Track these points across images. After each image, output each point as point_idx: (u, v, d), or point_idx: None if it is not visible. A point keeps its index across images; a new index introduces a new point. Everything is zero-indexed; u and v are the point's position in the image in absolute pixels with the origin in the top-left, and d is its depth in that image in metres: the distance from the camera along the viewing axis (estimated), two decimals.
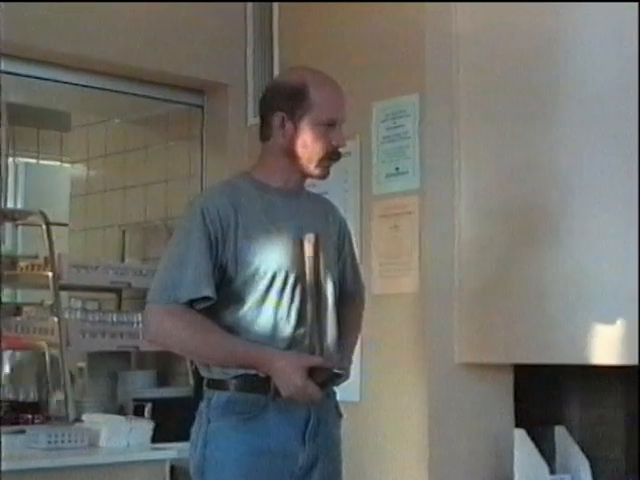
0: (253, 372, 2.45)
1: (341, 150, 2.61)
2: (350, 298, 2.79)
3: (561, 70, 3.47)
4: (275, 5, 4.44)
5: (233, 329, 2.47)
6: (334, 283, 2.63)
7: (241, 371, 2.45)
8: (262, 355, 2.44)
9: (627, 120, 3.24)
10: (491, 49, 3.69)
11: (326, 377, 2.45)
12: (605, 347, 3.29)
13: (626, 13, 3.27)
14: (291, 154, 2.56)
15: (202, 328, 2.45)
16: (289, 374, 2.39)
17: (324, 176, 2.61)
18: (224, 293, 2.47)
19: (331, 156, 2.57)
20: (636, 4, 3.23)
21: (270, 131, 2.58)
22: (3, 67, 4.03)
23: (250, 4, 4.54)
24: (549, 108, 3.50)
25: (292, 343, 2.49)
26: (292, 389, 2.40)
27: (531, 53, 3.56)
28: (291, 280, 2.50)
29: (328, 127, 2.54)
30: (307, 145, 2.54)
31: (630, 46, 3.25)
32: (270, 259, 2.48)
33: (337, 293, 2.66)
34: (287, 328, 2.48)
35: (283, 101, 2.55)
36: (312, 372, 2.41)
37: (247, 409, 2.45)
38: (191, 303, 2.44)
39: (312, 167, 2.57)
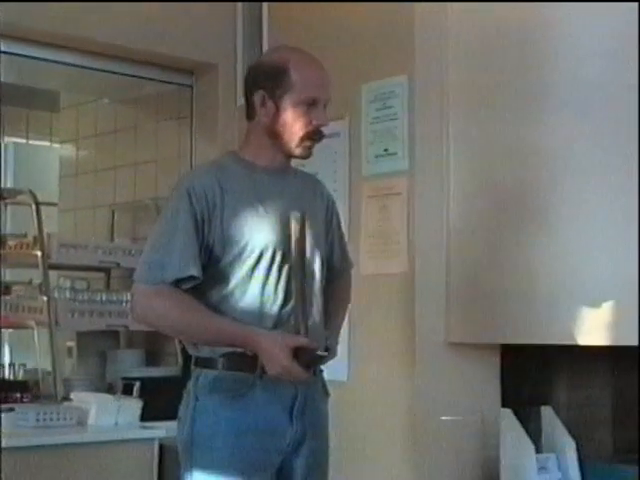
0: (240, 350, 2.46)
1: (331, 131, 2.63)
2: (338, 275, 2.81)
3: (553, 53, 3.46)
4: None
5: (220, 308, 2.48)
6: (321, 261, 2.64)
7: (229, 349, 2.47)
8: (249, 335, 2.45)
9: (618, 104, 3.24)
10: (482, 30, 3.69)
11: (311, 358, 2.46)
12: (592, 328, 3.30)
13: (621, 5, 3.27)
14: (273, 133, 2.56)
15: (189, 308, 2.46)
16: (275, 354, 2.40)
17: (306, 156, 2.60)
18: (211, 272, 2.48)
19: (312, 136, 2.56)
20: (636, 4, 3.23)
21: (253, 110, 2.59)
22: None
23: None
24: (540, 90, 3.50)
25: (278, 321, 2.50)
26: (277, 369, 2.41)
27: (523, 35, 3.55)
28: (278, 258, 2.51)
29: (309, 106, 2.54)
30: (287, 124, 2.54)
31: (621, 35, 3.25)
32: (257, 237, 2.49)
33: (324, 271, 2.67)
34: (273, 307, 2.50)
35: (264, 80, 2.56)
36: (297, 353, 2.42)
37: (234, 387, 2.47)
38: (177, 283, 2.45)
39: (293, 146, 2.56)
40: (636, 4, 3.22)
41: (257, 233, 2.50)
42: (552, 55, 3.47)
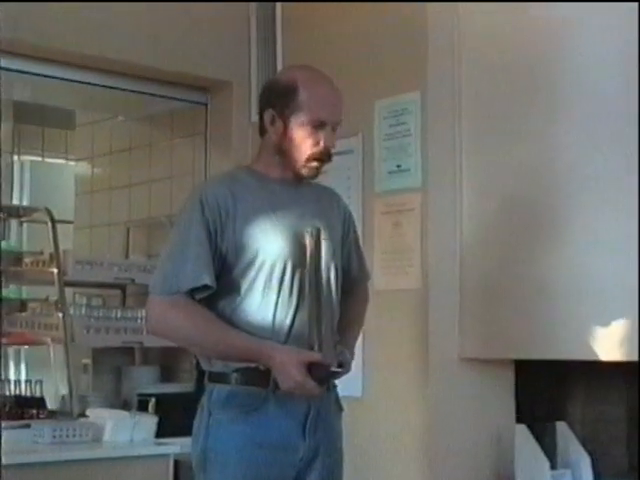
0: (254, 365, 2.47)
1: (344, 147, 2.63)
2: (355, 286, 2.82)
3: (563, 68, 3.49)
4: (278, 3, 4.46)
5: (232, 319, 2.49)
6: (337, 273, 2.65)
7: (242, 364, 2.48)
8: (263, 349, 2.45)
9: (628, 118, 3.25)
10: (493, 47, 3.70)
11: (324, 374, 2.47)
12: (607, 343, 3.30)
13: (627, 12, 3.28)
14: (281, 151, 2.59)
15: (204, 320, 2.47)
16: (288, 369, 2.41)
17: (313, 176, 2.61)
18: (224, 282, 2.50)
19: (319, 157, 2.57)
20: (636, 4, 3.25)
21: (264, 127, 2.62)
22: (8, 65, 4.06)
23: (253, 3, 4.57)
24: (551, 105, 3.51)
25: (291, 334, 2.50)
26: (291, 384, 2.42)
27: (533, 51, 3.57)
28: (291, 269, 2.51)
29: (317, 127, 2.55)
30: (294, 144, 2.56)
31: (630, 45, 3.26)
32: (270, 246, 2.50)
33: (340, 283, 2.67)
34: (286, 319, 2.50)
35: (274, 99, 2.58)
36: (311, 368, 2.42)
37: (248, 402, 2.48)
38: (191, 292, 2.46)
39: (299, 166, 2.58)
40: (636, 4, 3.23)
41: (270, 242, 2.51)
42: (564, 70, 3.48)
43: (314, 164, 2.58)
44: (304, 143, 2.55)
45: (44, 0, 3.96)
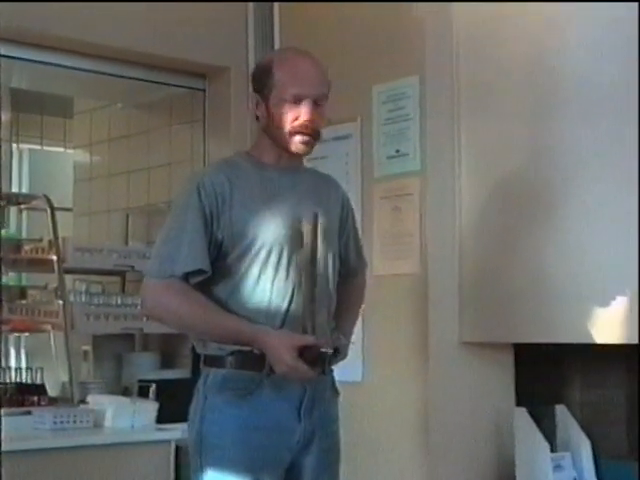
0: (248, 348, 2.48)
1: (343, 132, 2.64)
2: (352, 273, 2.82)
3: (563, 52, 3.47)
4: None
5: (228, 304, 2.51)
6: (334, 259, 2.66)
7: (236, 347, 2.49)
8: (256, 333, 2.46)
9: (629, 103, 3.25)
10: (491, 29, 3.70)
11: (317, 356, 2.47)
12: (606, 326, 3.30)
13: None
14: (269, 133, 2.61)
15: (198, 304, 2.49)
16: (281, 353, 2.42)
17: (301, 151, 2.60)
18: (220, 267, 2.51)
19: (299, 131, 2.56)
20: (636, 4, 3.25)
21: (255, 112, 2.64)
22: (6, 52, 4.06)
23: None
24: (550, 89, 3.51)
25: (286, 319, 2.51)
26: (284, 368, 2.43)
27: (531, 32, 3.57)
28: (287, 255, 2.52)
29: (296, 103, 2.56)
30: (276, 122, 2.57)
31: (631, 37, 3.26)
32: (266, 233, 2.51)
33: (337, 269, 2.68)
34: (282, 304, 2.51)
35: (256, 83, 2.63)
36: (304, 351, 2.43)
37: (243, 386, 2.49)
38: (186, 277, 2.47)
39: (285, 143, 2.59)
40: (636, 4, 3.23)
41: (266, 229, 2.52)
42: (562, 54, 3.47)
43: (297, 138, 2.57)
44: (284, 119, 2.56)
45: (45, 0, 3.96)
